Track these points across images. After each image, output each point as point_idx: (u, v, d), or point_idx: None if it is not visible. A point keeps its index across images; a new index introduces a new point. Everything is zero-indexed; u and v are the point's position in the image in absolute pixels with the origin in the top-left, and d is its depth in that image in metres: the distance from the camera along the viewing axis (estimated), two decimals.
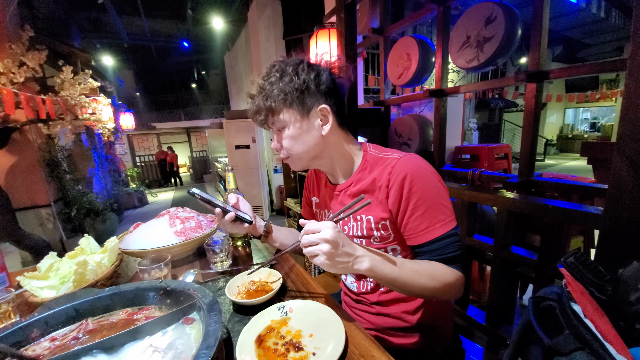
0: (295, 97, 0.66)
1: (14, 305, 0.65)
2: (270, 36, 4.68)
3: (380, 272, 0.58)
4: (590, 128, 12.17)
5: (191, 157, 12.37)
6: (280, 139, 0.72)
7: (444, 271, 0.62)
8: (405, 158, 0.67)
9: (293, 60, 0.69)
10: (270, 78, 0.67)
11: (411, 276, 0.59)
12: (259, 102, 0.68)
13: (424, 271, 0.61)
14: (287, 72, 0.66)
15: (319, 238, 0.53)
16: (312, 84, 0.67)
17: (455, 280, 0.62)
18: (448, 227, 0.64)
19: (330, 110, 0.69)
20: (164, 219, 1.00)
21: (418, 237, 0.65)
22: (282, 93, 0.65)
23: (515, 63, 8.78)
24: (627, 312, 0.36)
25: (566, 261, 0.42)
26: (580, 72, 0.85)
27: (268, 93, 0.66)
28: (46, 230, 3.27)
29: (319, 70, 0.69)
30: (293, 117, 0.68)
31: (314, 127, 0.69)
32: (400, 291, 0.63)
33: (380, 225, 0.70)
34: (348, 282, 0.83)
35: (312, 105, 0.68)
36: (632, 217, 0.60)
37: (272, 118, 0.69)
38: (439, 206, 0.64)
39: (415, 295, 0.63)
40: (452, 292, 0.63)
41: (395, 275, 0.59)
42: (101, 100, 3.73)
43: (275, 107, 0.67)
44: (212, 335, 0.43)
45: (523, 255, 0.99)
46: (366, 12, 1.72)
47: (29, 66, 2.68)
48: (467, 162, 3.58)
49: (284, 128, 0.69)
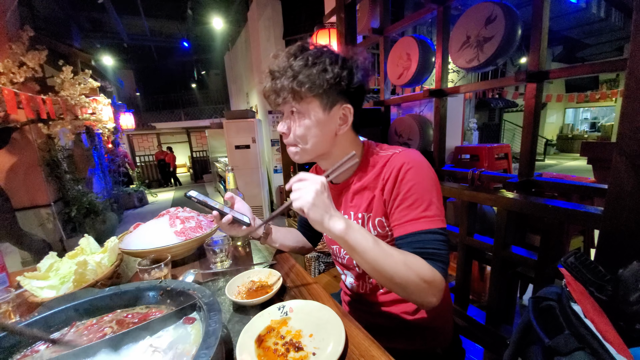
0: (324, 89, 0.62)
1: (14, 305, 0.65)
2: (270, 36, 4.68)
3: (352, 238, 0.55)
4: (590, 128, 12.18)
5: (191, 157, 12.37)
6: (291, 124, 0.67)
7: (420, 264, 0.57)
8: (404, 152, 0.67)
9: (328, 49, 0.65)
10: (301, 60, 0.62)
11: (383, 256, 0.55)
12: (283, 82, 0.62)
13: (398, 255, 0.57)
14: (321, 61, 0.62)
15: (311, 178, 0.56)
16: (344, 81, 0.63)
17: (432, 278, 0.56)
18: (434, 224, 0.60)
19: (352, 111, 0.67)
20: (164, 219, 1.00)
21: (401, 228, 0.62)
22: (311, 81, 0.61)
23: (515, 63, 8.78)
24: (627, 312, 0.36)
25: (566, 261, 0.42)
26: (580, 72, 0.85)
27: (296, 74, 0.61)
28: (46, 230, 3.27)
29: (351, 68, 0.65)
30: (315, 108, 0.64)
31: (332, 124, 0.67)
32: (370, 271, 0.58)
33: (377, 222, 0.69)
34: (348, 282, 0.83)
35: (336, 102, 0.65)
36: (632, 217, 0.60)
37: (292, 102, 0.64)
38: (429, 202, 0.62)
39: (386, 281, 0.57)
40: (426, 289, 0.56)
41: (367, 248, 0.55)
42: (101, 100, 3.73)
43: (300, 92, 0.62)
44: (212, 335, 0.43)
45: (523, 255, 0.99)
46: (366, 12, 1.71)
47: (29, 66, 2.68)
48: (467, 162, 3.58)
49: (301, 115, 0.65)
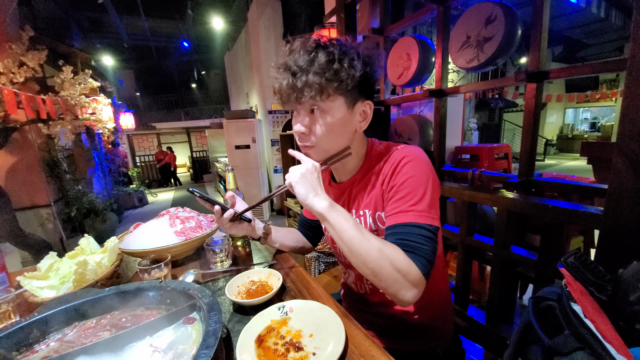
0: (354, 85, 0.60)
1: (14, 305, 0.65)
2: (270, 36, 4.67)
3: (333, 217, 0.58)
4: (590, 128, 12.16)
5: (191, 157, 12.37)
6: (311, 123, 0.64)
7: (397, 254, 0.55)
8: (405, 147, 0.67)
9: (351, 44, 0.63)
10: (326, 55, 0.59)
11: (360, 238, 0.56)
12: (309, 79, 0.58)
13: (375, 242, 0.56)
14: (348, 57, 0.60)
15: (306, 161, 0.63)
16: (369, 77, 0.63)
17: (407, 270, 0.53)
18: (421, 219, 0.58)
19: (372, 107, 0.67)
20: (164, 219, 1.00)
21: (389, 219, 0.61)
22: (339, 78, 0.59)
23: (515, 63, 8.77)
24: (627, 312, 0.36)
25: (566, 261, 0.42)
26: (580, 72, 0.85)
27: (324, 70, 0.58)
28: (46, 230, 3.27)
29: (373, 64, 0.63)
30: (340, 106, 0.62)
31: (353, 122, 0.66)
32: (347, 252, 0.58)
33: (377, 217, 0.69)
34: (349, 281, 0.83)
35: (358, 99, 0.64)
36: (632, 217, 0.60)
37: (318, 100, 0.60)
38: (421, 196, 0.60)
39: (361, 265, 0.56)
40: (401, 282, 0.54)
41: (345, 228, 0.56)
42: (101, 100, 3.74)
43: (327, 89, 0.59)
44: (212, 335, 0.43)
45: (523, 255, 0.99)
46: (366, 12, 1.71)
47: (29, 66, 2.68)
48: (467, 162, 3.58)
49: (324, 113, 0.62)
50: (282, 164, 4.15)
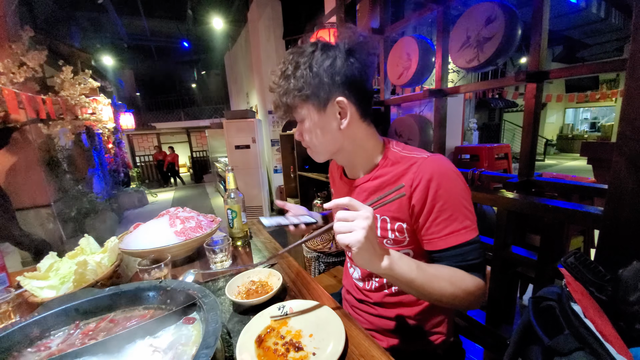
0: (309, 92, 0.63)
1: (14, 305, 0.65)
2: (270, 36, 4.67)
3: (398, 271, 0.53)
4: (590, 128, 12.16)
5: (191, 157, 12.37)
6: (301, 131, 0.71)
7: (464, 278, 0.59)
8: (432, 158, 0.64)
9: (307, 47, 0.65)
10: (285, 72, 0.65)
11: (429, 279, 0.56)
12: (276, 99, 0.67)
13: (443, 275, 0.58)
14: (300, 64, 0.63)
15: (362, 209, 0.50)
16: (325, 76, 0.62)
17: (476, 288, 0.59)
18: (473, 234, 0.61)
19: (349, 102, 0.65)
20: (164, 219, 1.00)
21: (440, 242, 0.62)
22: (296, 89, 0.63)
23: (515, 63, 8.77)
24: (627, 312, 0.36)
25: (566, 261, 0.42)
26: (580, 72, 0.85)
27: (283, 89, 0.65)
28: (46, 230, 3.27)
29: (334, 56, 0.62)
30: (310, 112, 0.66)
31: (332, 121, 0.66)
32: (416, 295, 0.59)
33: (396, 227, 0.67)
34: (355, 277, 0.82)
35: (328, 98, 0.64)
36: (632, 217, 0.60)
37: (291, 113, 0.68)
38: (465, 211, 0.62)
39: (432, 301, 0.60)
40: (472, 300, 0.59)
41: (413, 277, 0.55)
42: (101, 100, 3.74)
43: (291, 104, 0.65)
44: (212, 335, 0.43)
45: (523, 255, 0.99)
46: (366, 12, 1.71)
47: (29, 66, 2.68)
48: (467, 162, 3.58)
49: (302, 122, 0.68)
50: (282, 164, 4.15)
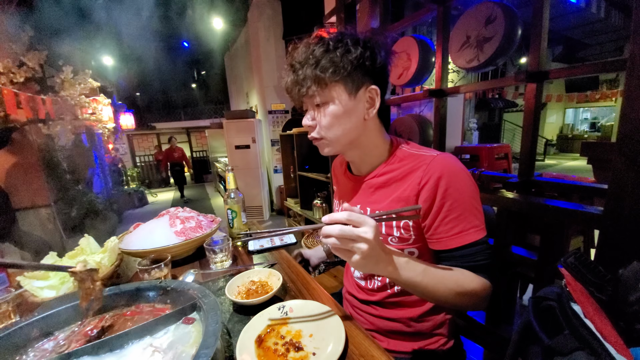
0: (348, 71, 0.60)
1: (14, 305, 0.65)
2: (270, 36, 4.67)
3: (404, 277, 0.54)
4: (590, 128, 12.16)
5: (191, 157, 12.37)
6: (317, 116, 0.65)
7: (471, 279, 0.58)
8: (442, 156, 0.64)
9: (349, 32, 0.63)
10: (322, 46, 0.61)
11: (436, 282, 0.56)
12: (306, 72, 0.61)
13: (449, 277, 0.57)
14: (343, 43, 0.60)
15: (359, 236, 0.46)
16: (367, 60, 0.61)
17: (483, 289, 0.59)
18: (482, 233, 0.61)
19: (378, 93, 0.64)
20: (164, 219, 1.00)
21: (448, 241, 0.61)
22: (334, 64, 0.59)
23: (515, 63, 8.76)
24: (627, 312, 0.36)
25: (566, 261, 0.42)
26: (580, 72, 0.85)
27: (318, 61, 0.60)
28: (46, 230, 3.26)
29: (373, 47, 0.62)
30: (340, 94, 0.62)
31: (359, 109, 0.64)
32: (422, 297, 0.59)
33: (402, 224, 0.67)
34: (356, 276, 0.82)
35: (361, 84, 0.63)
36: (632, 217, 0.61)
37: (317, 90, 0.62)
38: (474, 211, 0.61)
39: (437, 302, 0.59)
40: (478, 302, 0.59)
41: (419, 280, 0.55)
42: (101, 100, 3.73)
43: (324, 78, 0.60)
44: (212, 335, 0.43)
45: (523, 255, 0.99)
46: (366, 12, 1.71)
47: (29, 66, 2.68)
48: (467, 162, 3.58)
49: (326, 104, 0.63)
50: (282, 164, 4.15)
